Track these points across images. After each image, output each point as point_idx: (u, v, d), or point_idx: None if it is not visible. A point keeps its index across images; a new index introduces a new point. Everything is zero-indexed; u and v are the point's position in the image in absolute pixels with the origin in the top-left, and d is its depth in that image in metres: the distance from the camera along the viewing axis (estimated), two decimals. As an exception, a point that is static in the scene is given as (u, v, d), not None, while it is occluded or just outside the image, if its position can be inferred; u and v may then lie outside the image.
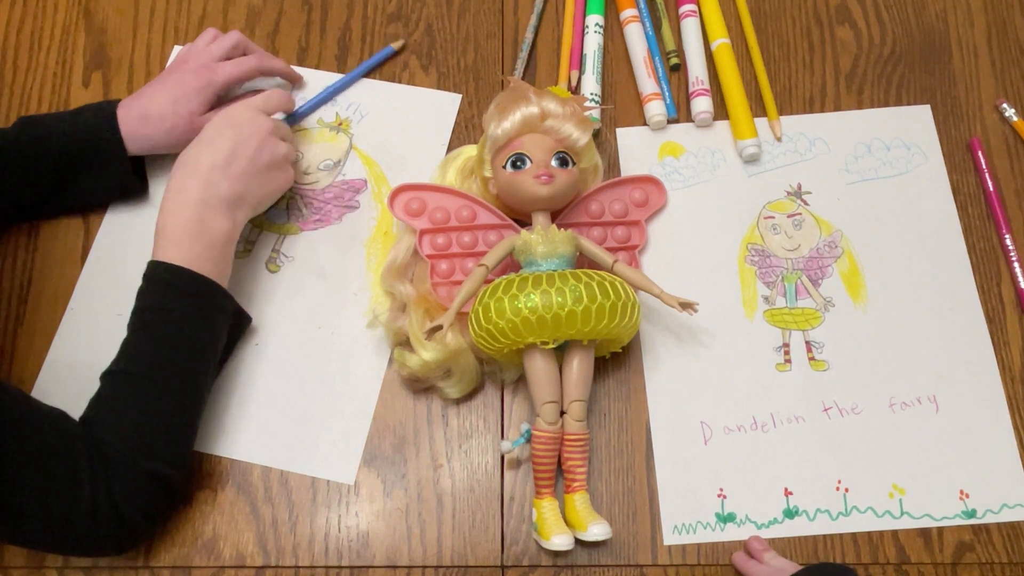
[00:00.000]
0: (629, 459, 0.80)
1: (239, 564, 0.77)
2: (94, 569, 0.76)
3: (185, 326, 0.75)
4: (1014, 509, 0.77)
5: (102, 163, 0.84)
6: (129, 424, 0.71)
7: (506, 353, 0.76)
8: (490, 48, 0.96)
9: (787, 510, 0.78)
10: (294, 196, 0.89)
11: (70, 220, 0.88)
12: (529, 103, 0.78)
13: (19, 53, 0.97)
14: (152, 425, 0.72)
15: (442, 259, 0.82)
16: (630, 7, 0.96)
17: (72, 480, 0.68)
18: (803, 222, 0.88)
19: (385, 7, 0.98)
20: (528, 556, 0.77)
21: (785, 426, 0.80)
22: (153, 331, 0.74)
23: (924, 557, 0.76)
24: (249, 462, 0.79)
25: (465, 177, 0.85)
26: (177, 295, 0.75)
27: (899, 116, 0.92)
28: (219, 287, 0.76)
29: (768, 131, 0.91)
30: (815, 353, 0.83)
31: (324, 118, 0.93)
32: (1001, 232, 0.87)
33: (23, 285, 0.86)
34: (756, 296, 0.85)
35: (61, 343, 0.83)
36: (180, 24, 0.98)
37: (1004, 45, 0.95)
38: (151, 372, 0.73)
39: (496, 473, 0.80)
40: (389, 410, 0.81)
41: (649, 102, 0.91)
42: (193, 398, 0.75)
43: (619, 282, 0.75)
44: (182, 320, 0.74)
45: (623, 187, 0.86)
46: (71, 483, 0.67)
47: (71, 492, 0.68)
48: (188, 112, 0.85)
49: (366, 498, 0.79)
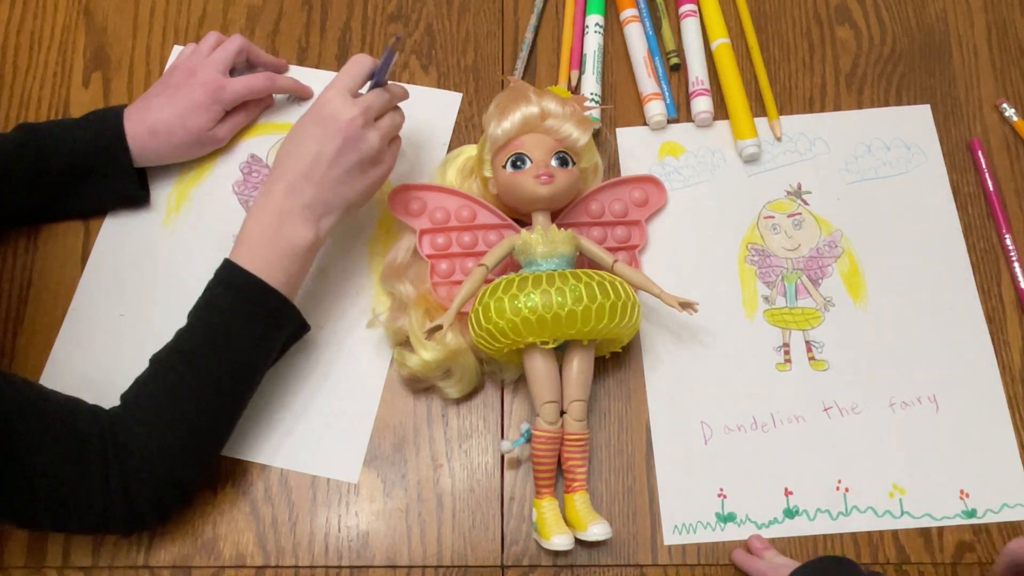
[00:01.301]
0: (629, 459, 0.80)
1: (239, 564, 0.77)
2: (94, 569, 0.76)
3: (242, 334, 0.73)
4: (1014, 509, 0.77)
5: (108, 175, 0.84)
6: (161, 424, 0.70)
7: (506, 353, 0.76)
8: (490, 48, 0.96)
9: (787, 510, 0.78)
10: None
11: (70, 222, 0.88)
12: (529, 103, 0.79)
13: (19, 53, 0.96)
14: (184, 430, 0.71)
15: (442, 259, 0.82)
16: (630, 7, 0.96)
17: (82, 473, 0.68)
18: (803, 222, 0.88)
19: (385, 7, 0.98)
20: (528, 556, 0.77)
21: (785, 426, 0.80)
22: (208, 332, 0.73)
23: (924, 557, 0.76)
24: (249, 461, 0.79)
25: (465, 177, 0.85)
26: (241, 301, 0.73)
27: (899, 116, 0.92)
28: (286, 302, 0.74)
29: (768, 131, 0.91)
30: (815, 353, 0.83)
31: (324, 118, 0.93)
32: (1001, 232, 0.87)
33: (23, 286, 0.86)
34: (756, 296, 0.85)
35: (62, 344, 0.83)
36: (180, 24, 0.98)
37: (1004, 45, 0.95)
38: (196, 375, 0.72)
39: (496, 473, 0.80)
40: (389, 410, 0.81)
41: (649, 102, 0.91)
42: (230, 407, 0.74)
43: (619, 282, 0.75)
44: (239, 327, 0.73)
45: (623, 187, 0.86)
46: (82, 476, 0.68)
47: (82, 484, 0.68)
48: (197, 128, 0.85)
49: (366, 498, 0.79)
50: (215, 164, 0.90)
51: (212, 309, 0.74)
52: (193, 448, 0.72)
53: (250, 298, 0.73)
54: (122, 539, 0.77)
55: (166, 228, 0.88)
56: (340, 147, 0.74)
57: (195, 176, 0.90)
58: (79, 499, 0.69)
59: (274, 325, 0.75)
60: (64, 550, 0.77)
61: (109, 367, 0.78)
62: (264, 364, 0.76)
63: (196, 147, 0.87)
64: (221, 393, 0.73)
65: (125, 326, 0.84)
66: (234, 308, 0.73)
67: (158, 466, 0.70)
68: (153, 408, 0.71)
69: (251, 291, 0.73)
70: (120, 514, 0.70)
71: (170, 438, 0.71)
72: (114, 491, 0.69)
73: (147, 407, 0.71)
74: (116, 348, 0.83)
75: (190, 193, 0.89)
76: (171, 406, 0.71)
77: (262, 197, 0.75)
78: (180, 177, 0.90)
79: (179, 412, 0.71)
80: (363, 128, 0.75)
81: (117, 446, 0.69)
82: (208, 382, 0.72)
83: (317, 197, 0.75)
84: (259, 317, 0.74)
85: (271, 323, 0.75)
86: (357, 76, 0.77)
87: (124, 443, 0.69)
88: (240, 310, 0.73)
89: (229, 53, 0.88)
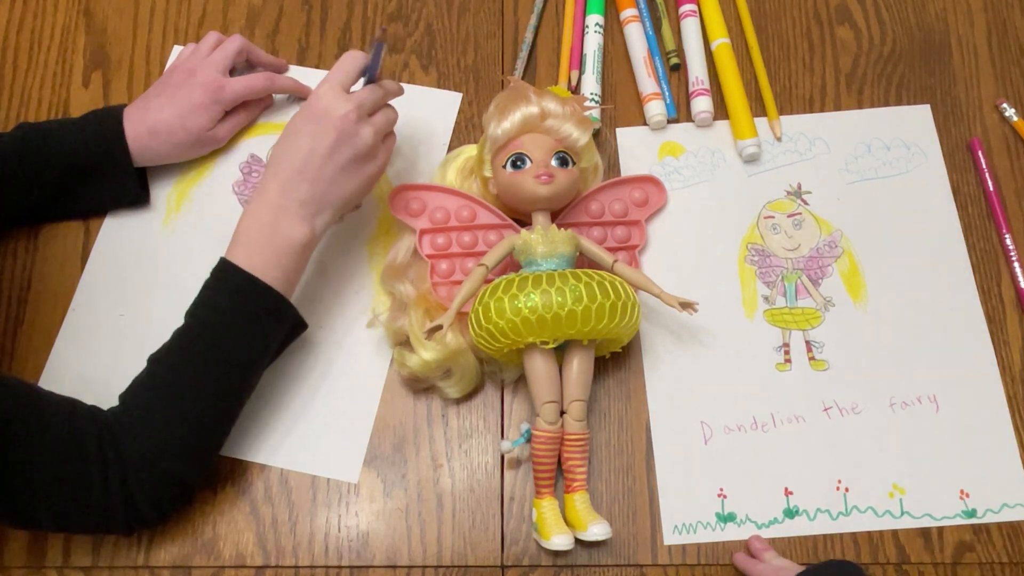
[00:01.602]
0: (629, 459, 0.80)
1: (239, 564, 0.77)
2: (94, 569, 0.76)
3: (239, 333, 0.73)
4: (1014, 509, 0.77)
5: (107, 175, 0.84)
6: (160, 422, 0.71)
7: (506, 353, 0.76)
8: (490, 48, 0.96)
9: (787, 510, 0.78)
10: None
11: (70, 222, 0.88)
12: (529, 103, 0.78)
13: (19, 53, 0.96)
14: (183, 427, 0.71)
15: (442, 259, 0.82)
16: (630, 7, 0.96)
17: (81, 472, 0.68)
18: (803, 222, 0.88)
19: (385, 7, 0.98)
20: (528, 556, 0.77)
21: (785, 426, 0.80)
22: (205, 331, 0.73)
23: (924, 557, 0.76)
24: (249, 461, 0.79)
25: (465, 177, 0.85)
26: (237, 299, 0.73)
27: (899, 116, 0.92)
28: (283, 300, 0.74)
29: (768, 131, 0.91)
30: (815, 353, 0.83)
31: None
32: (1001, 232, 0.87)
33: (23, 286, 0.86)
34: (756, 296, 0.85)
35: (62, 344, 0.83)
36: (180, 24, 0.98)
37: (1004, 45, 0.95)
38: (194, 373, 0.72)
39: (496, 473, 0.80)
40: (389, 410, 0.81)
41: (649, 102, 0.91)
42: (229, 405, 0.75)
43: (619, 282, 0.75)
44: (236, 326, 0.73)
45: (623, 187, 0.86)
46: (81, 475, 0.68)
47: (81, 484, 0.68)
48: (197, 128, 0.85)
49: (366, 498, 0.79)
50: (215, 164, 0.90)
51: (209, 308, 0.74)
52: (192, 446, 0.72)
53: (247, 296, 0.73)
54: (122, 539, 0.77)
55: (166, 228, 0.88)
56: (334, 143, 0.74)
57: (195, 176, 0.90)
58: (79, 499, 0.69)
59: (271, 323, 0.75)
60: (64, 550, 0.77)
61: (109, 367, 0.78)
62: (262, 362, 0.76)
63: (196, 147, 0.87)
64: (219, 391, 0.73)
65: (125, 326, 0.84)
66: (231, 307, 0.73)
67: (158, 464, 0.70)
68: (151, 407, 0.71)
69: (248, 290, 0.73)
70: (120, 513, 0.70)
71: (169, 437, 0.71)
72: (114, 490, 0.69)
73: (145, 406, 0.71)
74: (116, 348, 0.83)
75: (190, 193, 0.89)
76: (169, 405, 0.71)
77: (257, 195, 0.76)
78: (180, 177, 0.90)
79: (178, 411, 0.71)
80: (356, 124, 0.75)
81: (116, 445, 0.69)
82: (206, 381, 0.72)
83: (312, 194, 0.75)
84: (256, 315, 0.74)
85: (268, 321, 0.75)
86: (350, 72, 0.77)
87: (123, 442, 0.69)
88: (237, 309, 0.73)
89: (229, 53, 0.88)
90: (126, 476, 0.69)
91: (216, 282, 0.74)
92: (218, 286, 0.74)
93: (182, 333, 0.73)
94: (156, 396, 0.72)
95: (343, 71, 0.77)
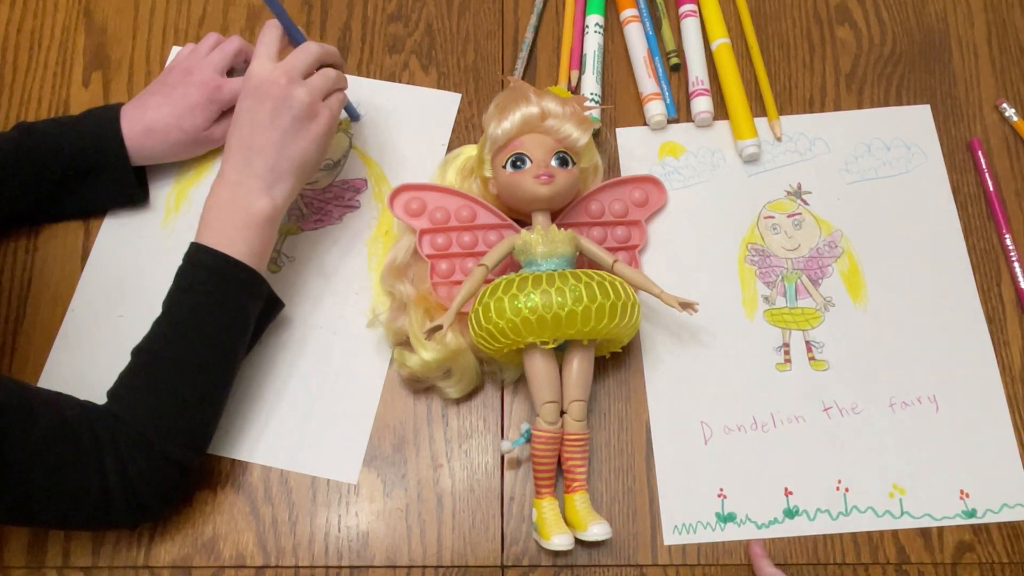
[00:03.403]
0: (629, 459, 0.80)
1: (239, 564, 0.77)
2: (94, 569, 0.76)
3: (214, 309, 0.74)
4: (1014, 509, 0.77)
5: (105, 174, 0.85)
6: (149, 405, 0.71)
7: (506, 353, 0.76)
8: (490, 48, 0.96)
9: (787, 510, 0.78)
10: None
11: (70, 222, 0.88)
12: (529, 103, 0.78)
13: (19, 53, 0.97)
14: (173, 407, 0.72)
15: (442, 259, 0.82)
16: (630, 7, 0.96)
17: (77, 464, 0.68)
18: (803, 222, 0.88)
19: (385, 7, 0.98)
20: (528, 556, 0.77)
21: (785, 426, 0.80)
22: (182, 313, 0.74)
23: (924, 557, 0.76)
24: (249, 462, 0.79)
25: (465, 177, 0.85)
26: (208, 277, 0.74)
27: (899, 116, 0.92)
28: (251, 270, 0.75)
29: (768, 131, 0.91)
30: (815, 353, 0.83)
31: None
32: (1001, 232, 0.87)
33: (23, 285, 0.86)
34: (756, 296, 0.85)
35: (62, 344, 0.83)
36: (180, 24, 0.98)
37: (1004, 45, 0.95)
38: (176, 353, 0.73)
39: (496, 473, 0.80)
40: (389, 410, 0.81)
41: (649, 102, 0.91)
42: (218, 381, 0.75)
43: (619, 282, 0.75)
44: (211, 303, 0.74)
45: (623, 187, 0.86)
46: (76, 467, 0.68)
47: (78, 477, 0.68)
48: (193, 128, 0.85)
49: (366, 498, 0.79)
50: (214, 164, 0.90)
51: (183, 291, 0.75)
52: (184, 427, 0.73)
53: (218, 273, 0.74)
54: (122, 539, 0.77)
55: (165, 228, 0.88)
56: (271, 111, 0.76)
57: (194, 176, 0.90)
58: (76, 491, 0.68)
59: (245, 297, 0.76)
60: (64, 550, 0.77)
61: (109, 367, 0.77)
62: (241, 337, 0.77)
63: (193, 147, 0.87)
64: (203, 369, 0.74)
65: (124, 326, 0.84)
66: (205, 287, 0.74)
67: (153, 448, 0.70)
68: (140, 394, 0.72)
69: (217, 266, 0.74)
70: (122, 504, 0.70)
71: (162, 420, 0.71)
72: (112, 479, 0.69)
73: (133, 394, 0.72)
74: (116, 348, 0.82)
75: (189, 193, 0.89)
76: (157, 390, 0.72)
77: (216, 179, 0.77)
78: (179, 177, 0.90)
79: (166, 394, 0.72)
80: (288, 86, 0.76)
81: (110, 435, 0.69)
82: (188, 360, 0.73)
83: (264, 164, 0.76)
84: (229, 290, 0.75)
85: (242, 295, 0.76)
86: (271, 42, 0.79)
87: (116, 431, 0.69)
88: (210, 285, 0.74)
89: (227, 54, 0.88)
90: (122, 463, 0.69)
91: (188, 266, 0.75)
92: (189, 269, 0.75)
93: (160, 320, 0.74)
94: (141, 381, 0.72)
95: (264, 44, 0.79)
